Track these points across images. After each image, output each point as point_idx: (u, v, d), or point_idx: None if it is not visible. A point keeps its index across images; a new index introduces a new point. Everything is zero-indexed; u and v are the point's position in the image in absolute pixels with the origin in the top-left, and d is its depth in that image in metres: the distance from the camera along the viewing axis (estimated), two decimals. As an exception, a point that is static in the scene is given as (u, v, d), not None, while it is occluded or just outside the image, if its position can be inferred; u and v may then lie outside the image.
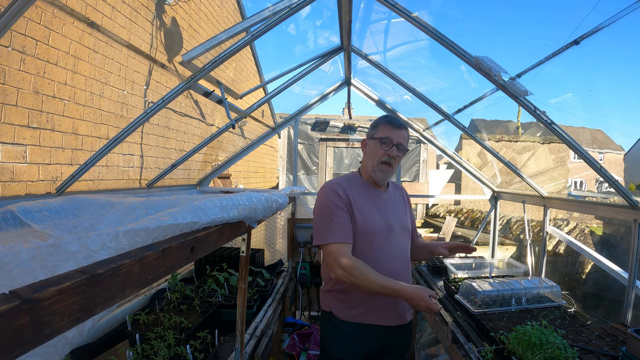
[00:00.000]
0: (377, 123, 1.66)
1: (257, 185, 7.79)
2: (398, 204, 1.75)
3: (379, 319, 1.56)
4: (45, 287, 0.46)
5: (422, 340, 3.41)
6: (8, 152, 2.13)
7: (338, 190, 1.57)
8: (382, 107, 3.60)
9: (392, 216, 1.66)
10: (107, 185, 2.99)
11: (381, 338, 1.58)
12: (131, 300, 2.27)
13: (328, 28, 2.66)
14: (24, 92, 2.21)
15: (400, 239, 1.66)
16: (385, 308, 1.57)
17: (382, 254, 1.57)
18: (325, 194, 1.58)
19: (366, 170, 1.68)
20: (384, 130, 1.61)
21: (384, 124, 1.63)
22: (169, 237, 0.80)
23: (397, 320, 1.60)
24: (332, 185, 1.61)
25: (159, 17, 3.74)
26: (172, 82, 4.04)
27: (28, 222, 0.86)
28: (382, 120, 1.65)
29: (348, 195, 1.57)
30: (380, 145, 1.59)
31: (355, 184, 1.66)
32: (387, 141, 1.59)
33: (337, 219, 1.52)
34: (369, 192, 1.66)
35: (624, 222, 4.71)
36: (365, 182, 1.68)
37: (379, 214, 1.62)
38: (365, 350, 1.57)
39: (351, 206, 1.56)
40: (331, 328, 1.61)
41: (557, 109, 9.39)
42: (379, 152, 1.60)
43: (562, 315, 1.93)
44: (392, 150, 1.58)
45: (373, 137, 1.64)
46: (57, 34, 2.44)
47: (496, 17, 54.81)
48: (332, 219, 1.52)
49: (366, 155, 1.68)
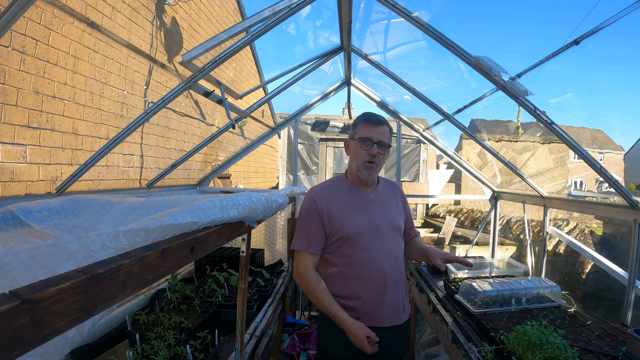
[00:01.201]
0: (356, 122, 1.65)
1: (257, 185, 7.79)
2: (388, 202, 1.73)
3: (371, 320, 1.56)
4: (45, 287, 0.46)
5: (422, 340, 3.41)
6: (8, 152, 2.13)
7: (317, 199, 1.60)
8: (383, 108, 3.60)
9: (379, 216, 1.64)
10: (107, 185, 2.99)
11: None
12: (131, 300, 2.27)
13: (328, 28, 2.66)
14: (24, 92, 2.21)
15: (388, 239, 1.64)
16: (378, 310, 1.57)
17: (368, 254, 1.57)
18: (305, 201, 1.64)
19: (351, 171, 1.68)
20: (363, 130, 1.60)
21: (362, 122, 1.62)
22: (169, 237, 0.80)
23: (391, 321, 1.60)
24: (313, 193, 1.64)
25: (159, 17, 3.74)
26: (172, 82, 4.04)
27: (28, 222, 0.86)
28: (360, 119, 1.64)
29: (328, 203, 1.60)
30: (361, 145, 1.59)
31: (339, 188, 1.67)
32: (367, 140, 1.58)
33: (308, 229, 1.59)
34: (354, 194, 1.66)
35: (624, 222, 4.71)
36: (350, 184, 1.69)
37: (363, 215, 1.61)
38: (361, 349, 1.58)
39: (330, 213, 1.58)
40: (326, 327, 1.62)
41: (557, 109, 9.39)
42: (361, 152, 1.60)
43: (562, 315, 1.93)
44: (373, 148, 1.58)
45: (353, 138, 1.63)
46: (57, 34, 2.44)
47: (496, 17, 54.81)
48: (304, 227, 1.60)
49: (350, 156, 1.68)
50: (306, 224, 1.60)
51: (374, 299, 1.56)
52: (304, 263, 1.57)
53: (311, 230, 1.58)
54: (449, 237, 4.94)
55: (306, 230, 1.59)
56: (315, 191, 1.65)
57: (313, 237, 1.58)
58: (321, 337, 1.66)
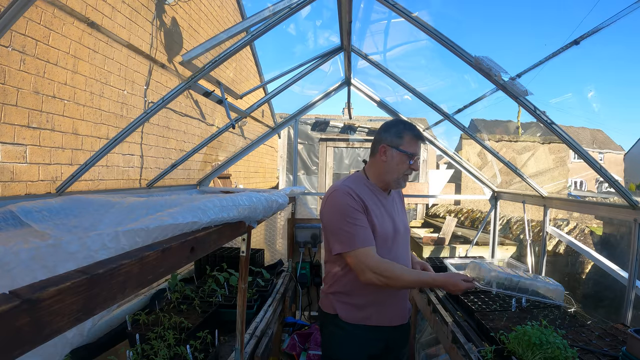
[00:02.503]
0: (402, 133, 1.58)
1: (257, 185, 7.79)
2: (399, 206, 1.78)
3: (383, 320, 1.58)
4: (45, 287, 0.46)
5: (422, 340, 3.41)
6: (8, 152, 2.13)
7: (353, 194, 1.53)
8: (383, 108, 3.60)
9: (397, 219, 1.67)
10: (107, 185, 2.99)
11: (384, 338, 1.61)
12: (131, 300, 2.27)
13: (328, 28, 2.66)
14: (24, 92, 2.21)
15: (404, 240, 1.69)
16: (390, 309, 1.59)
17: (392, 256, 1.58)
18: (340, 198, 1.53)
19: (380, 177, 1.63)
20: (412, 145, 1.57)
21: (411, 136, 1.57)
22: (169, 237, 0.80)
23: (399, 320, 1.63)
24: (344, 189, 1.55)
25: (159, 17, 3.74)
26: (172, 82, 4.04)
27: (28, 222, 0.86)
28: (409, 133, 1.58)
29: (364, 199, 1.55)
30: (408, 159, 1.57)
31: (363, 188, 1.62)
32: (414, 156, 1.57)
33: (359, 223, 1.50)
34: (377, 196, 1.65)
35: (624, 222, 4.71)
36: (372, 185, 1.66)
37: (389, 217, 1.63)
38: (370, 350, 1.59)
39: (367, 210, 1.54)
40: (336, 330, 1.60)
41: (557, 109, 9.39)
42: (405, 165, 1.57)
43: (562, 315, 1.93)
44: (416, 165, 1.58)
45: (399, 149, 1.57)
46: (57, 34, 2.44)
47: (496, 16, 54.76)
48: (354, 224, 1.49)
49: (387, 164, 1.60)
50: (352, 219, 1.49)
51: (391, 300, 1.59)
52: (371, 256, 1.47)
53: (360, 224, 1.49)
54: (449, 237, 4.94)
55: (356, 225, 1.49)
56: (346, 187, 1.56)
57: (367, 230, 1.50)
58: (330, 340, 1.64)
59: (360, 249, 1.47)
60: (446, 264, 2.82)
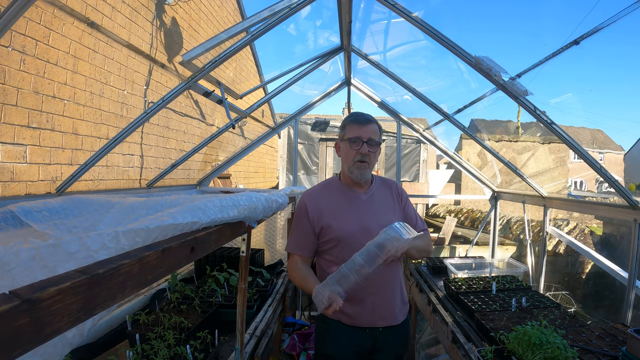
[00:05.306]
0: (344, 124, 1.67)
1: (257, 185, 7.79)
2: (382, 202, 1.70)
3: (366, 321, 1.58)
4: (45, 287, 0.46)
5: (422, 340, 3.41)
6: (8, 152, 2.13)
7: (308, 203, 1.65)
8: (383, 108, 3.60)
9: (371, 217, 1.63)
10: (107, 185, 2.99)
11: (371, 337, 1.60)
12: (131, 300, 2.27)
13: (328, 28, 2.66)
14: (24, 92, 2.21)
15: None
16: (373, 310, 1.58)
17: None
18: (298, 205, 1.70)
19: (344, 172, 1.69)
20: (352, 130, 1.61)
21: (350, 123, 1.63)
22: (169, 237, 0.80)
23: (386, 322, 1.60)
24: (304, 197, 1.69)
25: (159, 17, 3.74)
26: (172, 82, 4.04)
27: (28, 222, 0.86)
28: (348, 120, 1.65)
29: (319, 206, 1.63)
30: (351, 146, 1.60)
31: (331, 190, 1.70)
32: (357, 140, 1.59)
33: (298, 228, 1.66)
34: (345, 196, 1.66)
35: (624, 222, 4.71)
36: (343, 186, 1.69)
37: (354, 217, 1.62)
38: (356, 348, 1.60)
39: (321, 216, 1.62)
40: (323, 326, 1.65)
41: (557, 109, 9.36)
42: (352, 152, 1.60)
43: (562, 315, 1.93)
44: (363, 147, 1.58)
45: (343, 139, 1.65)
46: (57, 34, 2.44)
47: (496, 16, 54.72)
48: (295, 228, 1.68)
49: (342, 157, 1.69)
50: (297, 227, 1.67)
51: (367, 301, 1.57)
52: (292, 263, 1.65)
53: (301, 234, 1.65)
54: (449, 237, 4.94)
55: (297, 233, 1.67)
56: (307, 195, 1.70)
57: (302, 240, 1.65)
58: (318, 336, 1.70)
59: (291, 253, 1.68)
60: (446, 264, 2.82)
